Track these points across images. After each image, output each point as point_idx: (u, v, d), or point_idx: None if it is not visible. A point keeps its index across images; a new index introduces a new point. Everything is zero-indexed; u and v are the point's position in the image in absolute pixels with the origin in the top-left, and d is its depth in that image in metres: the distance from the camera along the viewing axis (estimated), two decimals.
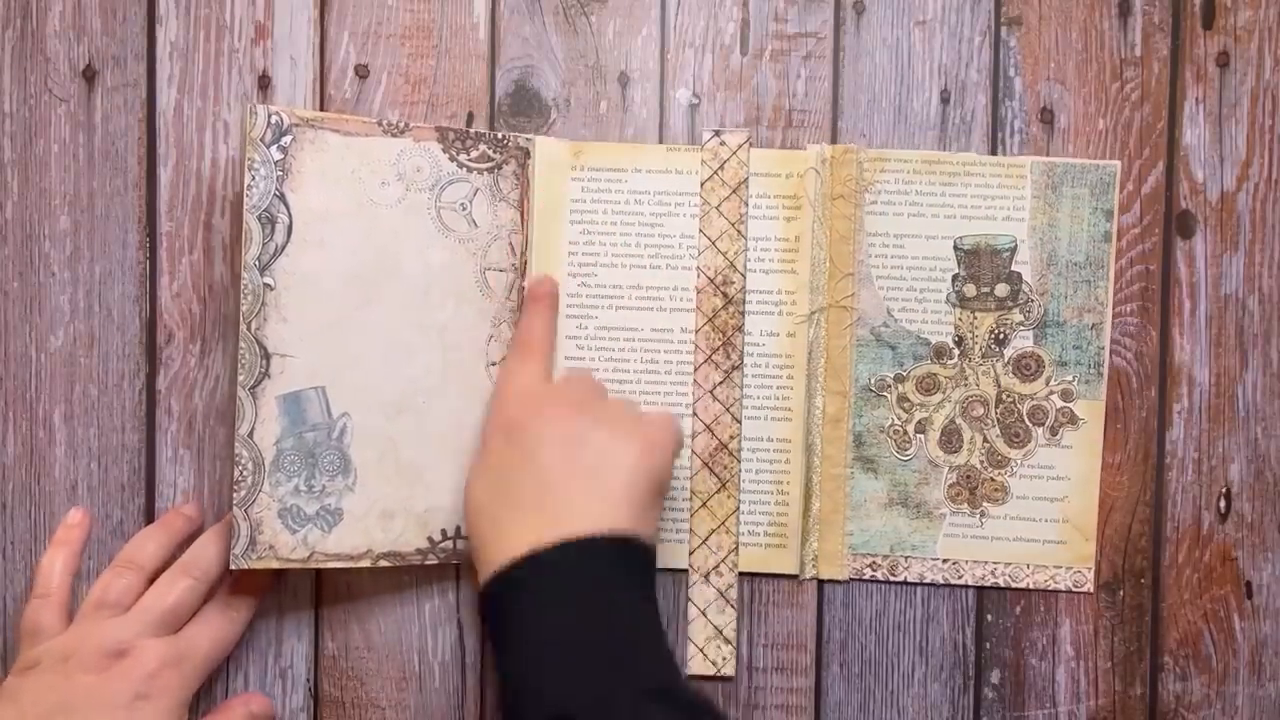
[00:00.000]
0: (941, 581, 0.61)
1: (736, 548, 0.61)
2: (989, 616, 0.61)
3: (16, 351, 0.60)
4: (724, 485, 0.61)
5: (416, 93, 0.61)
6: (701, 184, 0.60)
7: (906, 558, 0.61)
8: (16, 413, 0.60)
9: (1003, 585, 0.61)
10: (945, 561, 0.61)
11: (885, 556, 0.61)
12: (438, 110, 0.61)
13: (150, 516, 0.60)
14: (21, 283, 0.60)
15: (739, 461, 0.61)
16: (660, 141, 0.61)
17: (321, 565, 0.57)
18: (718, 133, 0.60)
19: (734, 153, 0.60)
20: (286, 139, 0.56)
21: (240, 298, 0.55)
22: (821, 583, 0.61)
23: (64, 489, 0.60)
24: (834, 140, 0.61)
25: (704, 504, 0.60)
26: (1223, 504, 0.61)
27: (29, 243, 0.60)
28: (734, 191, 0.60)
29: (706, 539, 0.60)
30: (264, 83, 0.60)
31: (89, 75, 0.60)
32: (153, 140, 0.60)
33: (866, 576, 0.61)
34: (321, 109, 0.61)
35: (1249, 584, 0.61)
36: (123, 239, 0.60)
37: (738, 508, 0.60)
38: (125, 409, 0.60)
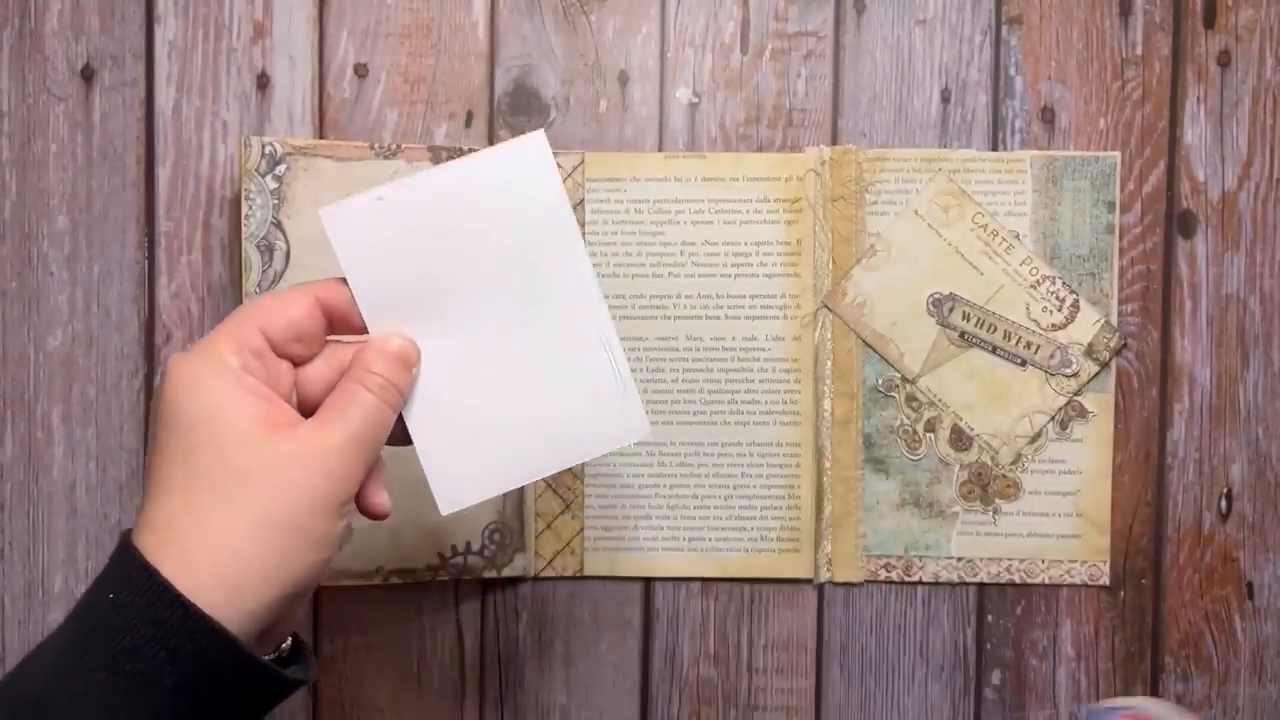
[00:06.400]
0: (956, 580, 0.61)
1: (581, 569, 0.61)
2: (990, 617, 0.61)
3: (14, 351, 0.60)
4: (568, 506, 0.60)
5: (415, 92, 0.61)
6: None
7: (921, 558, 0.61)
8: (14, 413, 0.60)
9: (1018, 582, 0.61)
10: (960, 560, 0.61)
11: (899, 557, 0.61)
12: (436, 109, 0.61)
13: None
14: (20, 282, 0.60)
15: (582, 483, 0.60)
16: (660, 141, 0.61)
17: (333, 583, 0.57)
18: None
19: (569, 175, 0.60)
20: (281, 168, 0.57)
21: None
22: (822, 585, 0.61)
23: (62, 489, 0.60)
24: (834, 140, 0.61)
25: (549, 526, 0.60)
26: (1224, 504, 0.61)
27: (27, 242, 0.60)
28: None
29: (551, 560, 0.60)
30: (263, 82, 0.60)
31: (87, 74, 0.60)
32: (151, 139, 0.60)
33: (881, 578, 0.61)
34: (320, 108, 0.60)
35: (1250, 584, 0.61)
36: (121, 239, 0.60)
37: (582, 529, 0.60)
38: (123, 409, 0.60)
